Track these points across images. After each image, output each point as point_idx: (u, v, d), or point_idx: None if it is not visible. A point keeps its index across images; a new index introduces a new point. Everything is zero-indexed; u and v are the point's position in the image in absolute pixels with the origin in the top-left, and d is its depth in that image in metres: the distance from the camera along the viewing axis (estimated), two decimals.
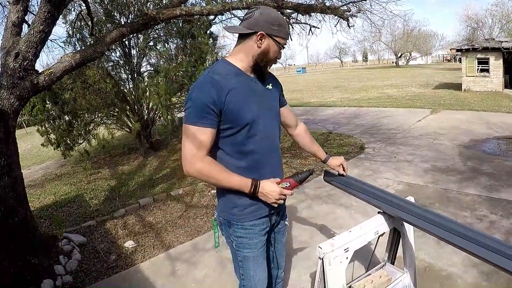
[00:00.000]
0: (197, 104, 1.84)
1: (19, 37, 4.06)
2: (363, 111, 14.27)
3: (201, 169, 1.87)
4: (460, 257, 3.55)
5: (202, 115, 1.83)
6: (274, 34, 1.93)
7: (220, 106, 1.85)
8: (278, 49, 1.98)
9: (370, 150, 8.24)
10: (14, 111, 3.98)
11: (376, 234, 2.08)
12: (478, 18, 41.86)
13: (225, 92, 1.86)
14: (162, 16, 5.01)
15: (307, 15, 6.83)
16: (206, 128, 1.85)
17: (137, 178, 8.17)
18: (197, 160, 1.86)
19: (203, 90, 1.86)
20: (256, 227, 2.08)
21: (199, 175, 1.91)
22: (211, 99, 1.82)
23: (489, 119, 10.46)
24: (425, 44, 61.01)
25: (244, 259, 2.13)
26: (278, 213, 2.20)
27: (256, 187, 1.94)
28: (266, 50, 1.94)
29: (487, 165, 6.40)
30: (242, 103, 1.92)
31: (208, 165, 1.89)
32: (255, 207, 2.03)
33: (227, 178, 1.92)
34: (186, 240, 4.80)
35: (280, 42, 1.96)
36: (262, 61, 1.98)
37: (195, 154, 1.86)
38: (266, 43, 1.93)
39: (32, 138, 17.75)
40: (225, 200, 2.09)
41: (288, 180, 2.01)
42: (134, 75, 10.14)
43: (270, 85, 2.17)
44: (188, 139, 1.87)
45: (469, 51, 18.03)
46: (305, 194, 5.83)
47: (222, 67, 1.97)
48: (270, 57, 1.98)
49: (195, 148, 1.86)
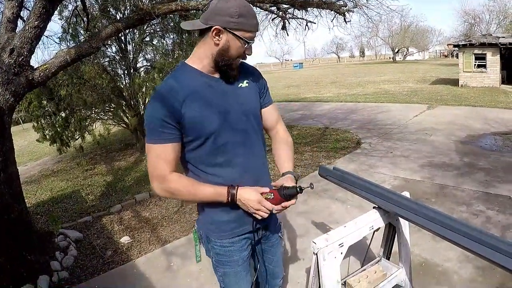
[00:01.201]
0: (152, 120, 1.66)
1: (14, 33, 4.04)
2: (360, 106, 14.28)
3: (168, 188, 1.71)
4: (456, 253, 3.56)
5: (160, 131, 1.65)
6: (234, 28, 1.63)
7: (177, 117, 1.65)
8: (241, 45, 1.68)
9: (366, 145, 8.24)
10: (9, 107, 3.96)
11: (371, 229, 2.08)
12: (475, 13, 41.81)
13: (181, 101, 1.66)
14: (157, 11, 4.99)
15: (303, 10, 6.83)
16: (166, 144, 1.67)
17: (134, 174, 8.16)
18: (163, 180, 1.70)
19: (156, 104, 1.67)
20: (236, 244, 1.88)
21: (169, 195, 1.75)
22: (164, 112, 1.64)
23: (486, 114, 10.49)
24: (422, 39, 60.99)
25: (224, 275, 1.95)
26: (266, 226, 2.01)
27: (233, 195, 1.72)
28: (225, 47, 1.67)
29: (484, 160, 6.42)
30: (203, 110, 1.69)
31: (176, 182, 1.70)
32: (234, 225, 1.84)
33: (200, 191, 1.73)
34: (182, 235, 4.80)
35: (243, 37, 1.66)
36: (223, 60, 1.70)
37: (159, 174, 1.70)
38: (224, 39, 1.65)
39: (28, 134, 17.69)
40: (204, 213, 1.91)
41: (274, 192, 1.73)
42: (130, 71, 10.11)
43: (245, 83, 1.87)
44: (151, 159, 1.71)
45: (466, 46, 18.05)
46: None
47: (181, 71, 1.77)
48: (231, 55, 1.69)
49: (158, 167, 1.69)
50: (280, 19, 7.94)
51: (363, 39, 63.92)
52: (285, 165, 1.95)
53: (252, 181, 1.80)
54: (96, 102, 9.21)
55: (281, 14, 7.65)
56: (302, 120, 12.59)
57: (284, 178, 1.86)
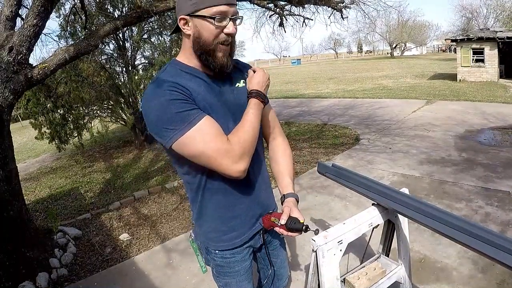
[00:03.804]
0: (173, 107, 1.42)
1: (13, 31, 4.05)
2: (358, 102, 14.28)
3: (243, 152, 1.49)
4: (456, 249, 3.57)
5: (189, 110, 1.43)
6: (195, 10, 1.46)
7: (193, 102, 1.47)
8: (212, 25, 1.47)
9: (365, 141, 8.25)
10: (8, 105, 3.96)
11: (370, 226, 2.08)
12: (472, 8, 41.80)
13: (190, 92, 1.48)
14: (155, 9, 4.99)
15: (301, 6, 6.82)
16: (206, 116, 1.46)
17: (132, 171, 8.16)
18: (229, 147, 1.46)
19: (166, 89, 1.44)
20: (237, 254, 1.78)
21: (248, 155, 1.53)
22: (183, 94, 1.45)
23: (484, 109, 10.50)
24: (420, 34, 60.85)
25: (226, 285, 1.86)
26: (267, 231, 1.84)
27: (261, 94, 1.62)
28: (196, 34, 1.50)
29: (483, 156, 6.42)
30: (209, 110, 1.52)
31: (238, 138, 1.49)
32: (234, 234, 1.74)
33: (249, 118, 1.55)
34: (181, 232, 4.81)
35: (210, 14, 1.45)
36: (199, 48, 1.52)
37: (222, 146, 1.45)
38: (193, 26, 1.50)
39: (27, 131, 17.69)
40: (201, 224, 1.78)
41: (281, 219, 1.62)
42: (129, 68, 10.10)
43: (241, 83, 1.72)
44: (199, 146, 1.44)
45: (464, 41, 18.05)
46: (300, 185, 5.84)
47: (172, 69, 1.59)
48: (206, 39, 1.49)
49: (217, 142, 1.45)
50: (278, 16, 7.94)
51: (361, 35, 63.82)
52: (287, 185, 1.82)
53: (257, 188, 1.76)
54: (94, 100, 9.21)
55: (278, 11, 7.65)
56: (300, 116, 12.58)
57: (289, 204, 1.72)
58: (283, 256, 2.06)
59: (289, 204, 1.71)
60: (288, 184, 1.82)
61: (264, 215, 1.78)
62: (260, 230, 1.81)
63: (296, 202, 1.76)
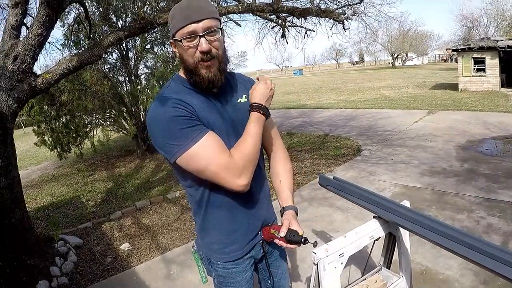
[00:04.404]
0: (177, 123, 1.46)
1: (17, 40, 4.09)
2: (360, 112, 14.30)
3: (245, 166, 1.52)
4: (457, 261, 3.55)
5: (192, 126, 1.48)
6: (173, 34, 1.53)
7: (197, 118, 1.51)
8: (187, 46, 1.50)
9: (366, 152, 8.25)
10: (12, 113, 4.00)
11: (372, 239, 2.08)
12: (473, 17, 41.90)
13: (193, 109, 1.52)
14: (159, 20, 5.03)
15: (303, 18, 6.86)
16: (209, 132, 1.50)
17: (134, 181, 8.17)
18: (232, 162, 1.49)
19: (171, 106, 1.48)
20: (239, 265, 1.79)
21: (250, 168, 1.55)
22: (187, 111, 1.49)
23: (486, 119, 10.51)
24: (421, 44, 60.97)
25: None
26: (266, 241, 1.84)
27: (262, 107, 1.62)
28: (181, 56, 1.57)
29: (484, 166, 6.42)
30: (212, 126, 1.56)
31: (240, 152, 1.52)
32: (236, 246, 1.75)
33: (250, 131, 1.57)
34: (182, 243, 4.80)
35: (182, 37, 1.49)
36: (185, 70, 1.58)
37: (225, 161, 1.49)
38: (178, 50, 1.57)
39: (30, 138, 17.71)
40: (204, 236, 1.80)
41: (280, 231, 1.65)
42: (132, 78, 10.15)
43: (243, 98, 1.74)
44: (202, 161, 1.48)
45: (465, 50, 18.10)
46: (301, 196, 5.84)
47: (175, 85, 1.62)
48: (187, 61, 1.54)
49: (220, 157, 1.48)
50: (280, 27, 7.98)
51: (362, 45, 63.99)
52: (287, 198, 1.84)
53: (259, 202, 1.78)
54: (97, 109, 9.25)
55: (281, 23, 7.69)
56: (302, 127, 12.61)
57: (289, 216, 1.74)
58: (284, 267, 2.06)
59: (288, 217, 1.74)
60: (288, 197, 1.85)
61: (264, 227, 1.80)
62: (261, 241, 1.82)
63: (295, 215, 1.78)
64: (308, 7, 6.69)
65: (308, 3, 7.14)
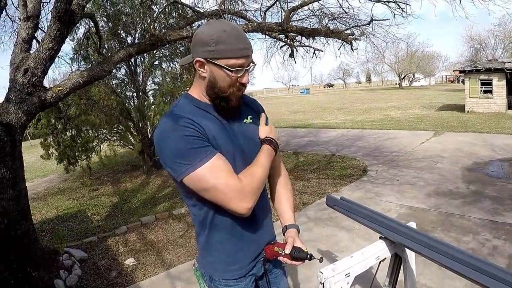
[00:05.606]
0: (186, 143, 1.46)
1: (28, 53, 4.16)
2: (366, 133, 14.30)
3: (252, 192, 1.54)
4: (462, 282, 3.52)
5: (202, 147, 1.48)
6: (213, 57, 1.48)
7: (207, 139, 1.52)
8: (228, 75, 1.50)
9: (372, 173, 8.24)
10: (21, 126, 4.05)
11: (378, 260, 2.08)
12: (480, 38, 42.00)
13: (203, 129, 1.52)
14: (169, 38, 5.10)
15: (311, 38, 6.92)
16: (218, 154, 1.50)
17: (140, 196, 8.18)
18: (240, 185, 1.50)
19: (181, 125, 1.48)
20: (241, 283, 1.79)
21: (256, 195, 1.57)
22: (197, 131, 1.49)
23: (492, 141, 10.49)
24: (428, 65, 61.11)
25: None
26: (267, 259, 1.84)
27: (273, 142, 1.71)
28: (211, 79, 1.53)
29: (490, 188, 6.39)
30: (220, 147, 1.56)
31: (248, 178, 1.54)
32: (238, 266, 1.76)
33: (261, 161, 1.62)
34: (187, 260, 4.79)
35: (227, 65, 1.48)
36: (214, 93, 1.56)
37: (233, 183, 1.49)
38: (209, 71, 1.52)
39: (36, 151, 17.79)
40: (206, 253, 1.80)
41: (285, 248, 1.66)
42: (139, 93, 10.24)
43: (249, 119, 1.76)
44: (210, 182, 1.48)
45: (472, 72, 18.16)
46: (307, 216, 5.83)
47: (186, 104, 1.62)
48: (221, 86, 1.54)
49: (228, 179, 1.49)
50: (288, 46, 8.04)
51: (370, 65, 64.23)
52: (289, 218, 1.88)
53: (261, 223, 1.80)
54: (104, 123, 9.31)
55: (289, 42, 7.75)
56: (308, 146, 12.61)
57: (292, 234, 1.78)
58: (284, 284, 2.06)
59: (291, 234, 1.77)
60: (290, 216, 1.88)
61: (266, 245, 1.81)
62: (261, 259, 1.83)
63: (297, 233, 1.81)
64: (317, 27, 6.77)
65: (317, 23, 7.23)
